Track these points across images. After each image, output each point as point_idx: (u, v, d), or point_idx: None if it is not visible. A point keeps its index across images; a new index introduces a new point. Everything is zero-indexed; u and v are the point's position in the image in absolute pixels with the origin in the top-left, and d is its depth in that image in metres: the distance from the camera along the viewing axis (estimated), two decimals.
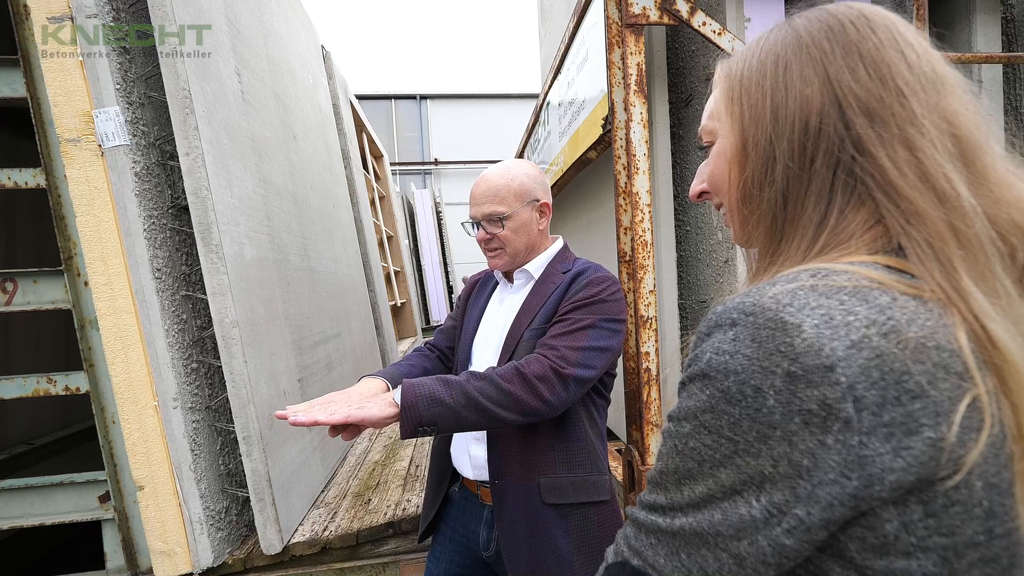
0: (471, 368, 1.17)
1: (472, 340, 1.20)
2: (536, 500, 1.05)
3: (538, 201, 1.16)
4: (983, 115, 0.42)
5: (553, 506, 1.05)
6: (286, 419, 0.86)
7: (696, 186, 0.55)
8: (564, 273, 1.15)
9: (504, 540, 1.05)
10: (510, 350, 1.09)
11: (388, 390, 1.16)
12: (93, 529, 2.00)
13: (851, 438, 0.33)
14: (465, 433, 1.13)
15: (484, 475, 1.10)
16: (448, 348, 1.34)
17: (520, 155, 4.70)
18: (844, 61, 0.42)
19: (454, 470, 1.19)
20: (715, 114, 0.50)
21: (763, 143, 0.45)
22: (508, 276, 1.22)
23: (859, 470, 0.33)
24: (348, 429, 0.90)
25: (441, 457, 1.20)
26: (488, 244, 1.16)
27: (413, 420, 0.89)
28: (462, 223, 1.22)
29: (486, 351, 1.16)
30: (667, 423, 0.43)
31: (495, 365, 1.10)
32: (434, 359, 1.32)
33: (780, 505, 0.35)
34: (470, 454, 1.13)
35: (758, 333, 0.36)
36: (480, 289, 1.29)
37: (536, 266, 1.18)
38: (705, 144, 0.53)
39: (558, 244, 1.22)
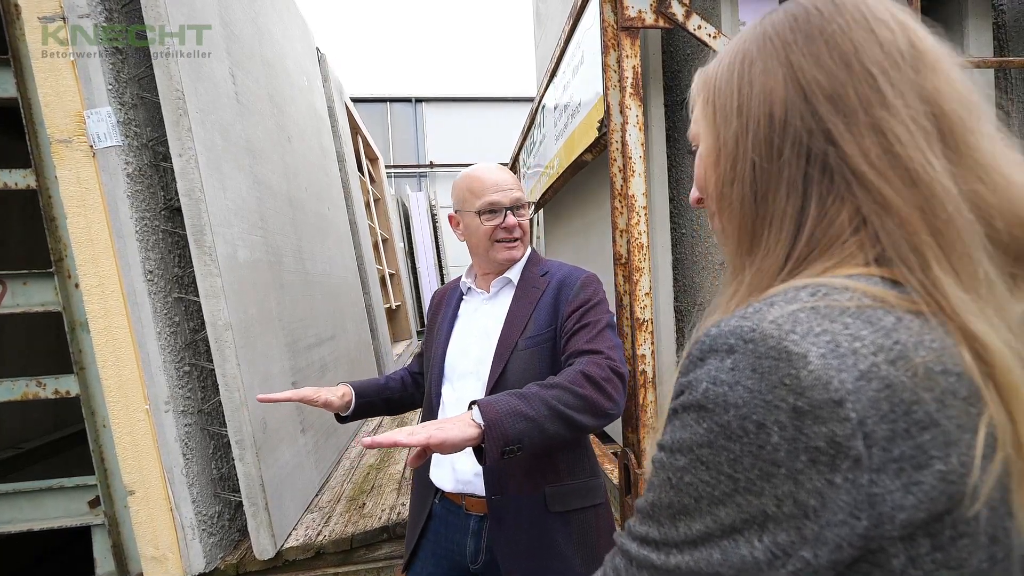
0: (446, 382, 1.14)
1: (444, 352, 1.16)
2: (540, 509, 1.03)
3: None
4: (973, 92, 0.39)
5: (557, 513, 1.04)
6: (371, 446, 0.74)
7: (693, 192, 0.54)
8: (542, 276, 1.14)
9: (502, 552, 1.02)
10: (503, 360, 1.06)
11: (351, 394, 1.16)
12: (83, 534, 1.97)
13: (861, 477, 0.31)
14: None
15: (470, 488, 1.07)
16: (418, 373, 1.32)
17: (515, 158, 4.70)
18: (807, 48, 0.41)
19: (435, 487, 1.14)
20: (696, 118, 0.51)
21: (730, 141, 0.44)
22: (481, 283, 1.19)
23: (869, 509, 0.31)
24: (417, 454, 0.83)
25: (421, 477, 1.17)
26: (512, 232, 1.13)
27: (499, 439, 0.82)
28: (477, 212, 1.11)
29: (465, 362, 1.12)
30: (658, 452, 0.40)
31: (484, 376, 1.07)
32: (413, 376, 1.32)
33: (785, 547, 0.33)
34: (454, 468, 1.09)
35: (759, 363, 0.34)
36: (447, 302, 1.25)
37: (515, 271, 1.16)
38: (693, 149, 0.53)
39: (528, 247, 1.22)
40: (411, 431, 0.79)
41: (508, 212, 1.12)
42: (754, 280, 0.43)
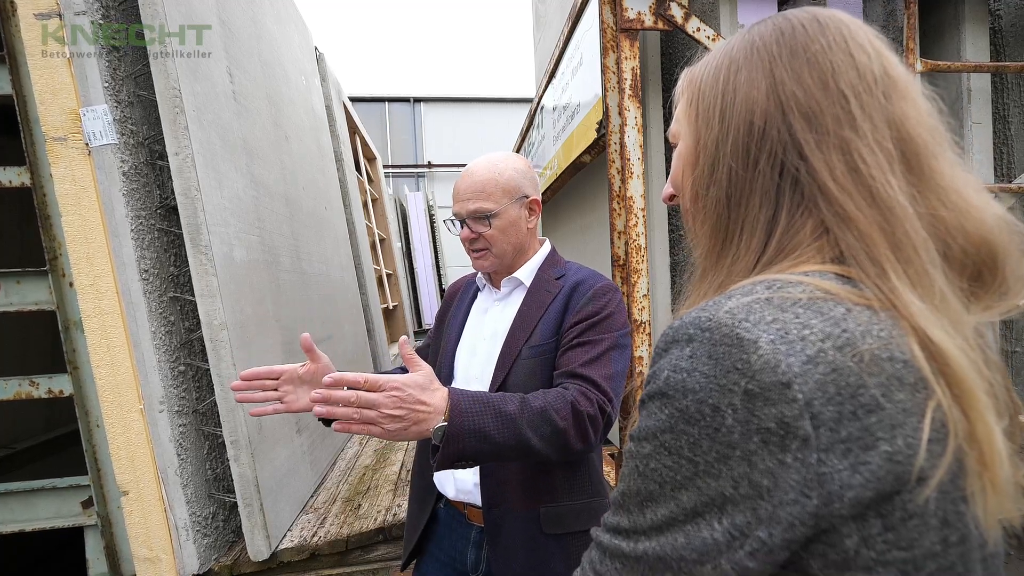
0: (455, 383, 1.09)
1: (454, 352, 1.11)
2: (535, 529, 0.99)
3: (527, 198, 1.07)
4: (937, 121, 0.41)
5: (553, 536, 0.99)
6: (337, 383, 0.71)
7: (666, 188, 0.56)
8: (558, 279, 1.07)
9: (498, 569, 0.99)
10: (506, 367, 1.01)
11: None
12: (76, 536, 1.95)
13: (809, 456, 0.33)
14: None
15: (470, 498, 1.04)
16: None
17: None
18: (790, 64, 0.42)
19: (438, 490, 1.11)
20: (678, 118, 0.52)
21: (711, 145, 0.46)
22: (494, 282, 1.13)
23: (818, 488, 0.33)
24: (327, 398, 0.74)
25: (422, 477, 1.13)
26: (473, 244, 1.07)
27: (453, 456, 0.80)
28: (444, 220, 1.13)
29: (472, 364, 1.08)
30: (629, 443, 0.41)
31: (488, 381, 1.03)
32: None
33: (742, 527, 0.34)
34: (455, 477, 1.06)
35: (714, 350, 0.36)
36: (461, 297, 1.20)
37: (526, 273, 1.09)
38: (673, 146, 0.55)
39: (546, 247, 1.14)
40: (381, 394, 0.73)
41: (463, 223, 1.07)
42: (726, 282, 0.45)
